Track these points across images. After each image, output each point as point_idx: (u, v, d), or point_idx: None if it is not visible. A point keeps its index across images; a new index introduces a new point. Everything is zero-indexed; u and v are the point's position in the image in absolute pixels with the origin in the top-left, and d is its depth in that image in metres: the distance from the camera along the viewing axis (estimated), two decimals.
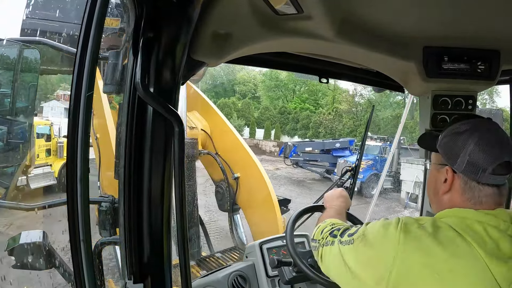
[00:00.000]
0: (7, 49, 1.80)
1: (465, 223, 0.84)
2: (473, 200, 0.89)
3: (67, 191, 0.77)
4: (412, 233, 0.83)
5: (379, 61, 1.35)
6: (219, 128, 3.45)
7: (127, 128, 0.83)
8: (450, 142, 0.93)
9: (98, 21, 0.75)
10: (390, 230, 0.86)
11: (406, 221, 0.87)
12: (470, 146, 0.87)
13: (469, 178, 0.89)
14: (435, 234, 0.82)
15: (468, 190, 0.89)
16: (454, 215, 0.88)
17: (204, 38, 0.96)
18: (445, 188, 0.94)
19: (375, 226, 0.92)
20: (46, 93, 8.34)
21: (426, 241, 0.81)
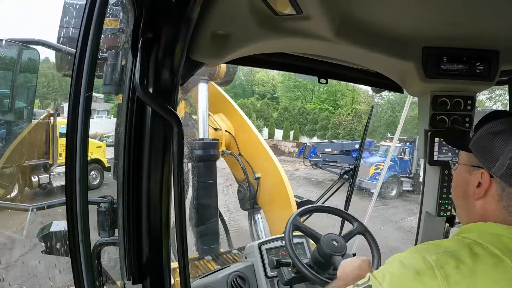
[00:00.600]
0: (6, 49, 1.80)
1: (502, 242, 0.74)
2: (510, 208, 0.79)
3: (66, 191, 0.77)
4: (453, 276, 0.69)
5: (378, 62, 1.35)
6: (243, 130, 3.53)
7: (126, 129, 0.83)
8: (487, 142, 0.82)
9: (98, 22, 0.75)
10: (427, 282, 0.70)
11: (440, 262, 0.72)
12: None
13: (508, 184, 0.79)
14: (477, 269, 0.70)
15: (506, 197, 0.79)
16: (488, 232, 0.78)
17: (203, 38, 0.96)
18: (479, 193, 0.83)
19: (398, 281, 0.72)
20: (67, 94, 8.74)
21: (471, 281, 0.69)
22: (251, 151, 3.45)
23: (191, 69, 1.03)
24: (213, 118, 3.57)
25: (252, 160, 3.41)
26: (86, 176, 0.78)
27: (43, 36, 2.35)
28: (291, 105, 32.73)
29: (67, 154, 0.77)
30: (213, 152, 3.15)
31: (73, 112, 0.76)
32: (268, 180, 3.32)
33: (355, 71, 1.63)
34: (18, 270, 4.66)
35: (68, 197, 0.77)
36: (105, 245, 0.97)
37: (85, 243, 0.79)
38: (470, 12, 1.05)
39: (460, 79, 1.32)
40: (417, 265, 0.72)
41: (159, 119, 0.82)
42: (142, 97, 0.78)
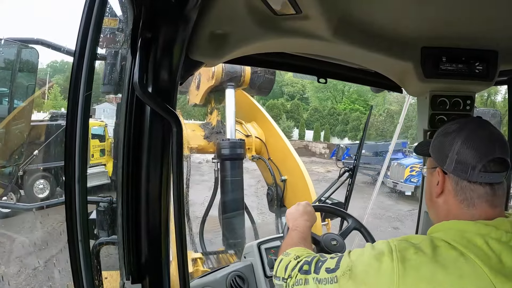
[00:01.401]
0: (5, 48, 1.80)
1: (465, 238, 0.77)
2: (466, 201, 0.83)
3: (65, 191, 0.77)
4: (410, 261, 0.74)
5: (377, 62, 1.35)
6: (273, 136, 3.77)
7: (125, 128, 0.83)
8: (439, 143, 0.90)
9: (97, 21, 0.76)
10: (384, 262, 0.76)
11: (400, 247, 0.78)
12: (458, 144, 0.83)
13: (460, 178, 0.84)
14: (435, 257, 0.74)
15: (460, 191, 0.84)
16: (451, 228, 0.82)
17: (202, 38, 0.96)
18: (438, 190, 0.89)
19: (363, 258, 0.81)
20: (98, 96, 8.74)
21: (428, 267, 0.73)
22: (280, 155, 3.66)
23: (190, 68, 1.03)
24: (245, 127, 3.85)
25: (280, 164, 3.61)
26: (85, 176, 0.78)
27: (43, 35, 2.35)
28: (321, 106, 32.40)
29: (65, 154, 0.77)
30: (239, 151, 3.32)
31: (72, 112, 0.76)
32: (294, 182, 3.48)
33: (355, 71, 1.63)
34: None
35: (67, 196, 0.77)
36: (104, 244, 0.97)
37: (84, 243, 0.79)
38: (469, 12, 1.06)
39: (459, 79, 1.32)
40: (381, 248, 0.80)
41: (158, 118, 0.82)
42: (141, 97, 0.78)
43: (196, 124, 4.08)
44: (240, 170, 3.40)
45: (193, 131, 3.81)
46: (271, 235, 1.89)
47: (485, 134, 0.84)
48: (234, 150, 3.32)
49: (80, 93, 0.75)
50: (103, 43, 0.85)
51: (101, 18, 0.77)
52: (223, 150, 3.34)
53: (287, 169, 3.55)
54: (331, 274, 0.83)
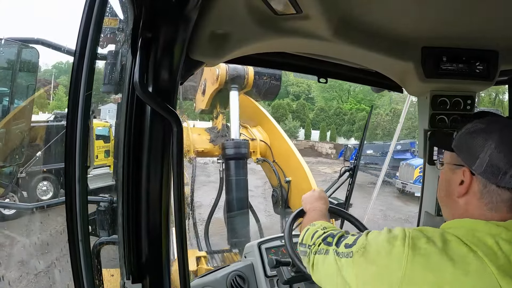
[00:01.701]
0: (5, 48, 1.80)
1: (476, 236, 0.77)
2: (490, 204, 0.82)
3: (65, 191, 0.77)
4: (421, 249, 0.76)
5: (378, 61, 1.35)
6: (277, 139, 3.89)
7: (126, 128, 0.83)
8: (468, 141, 0.85)
9: (97, 21, 0.76)
10: (396, 245, 0.78)
11: (413, 235, 0.79)
12: (491, 147, 0.80)
13: (489, 181, 0.81)
14: (445, 250, 0.75)
15: (487, 194, 0.82)
16: (463, 226, 0.82)
17: (203, 38, 0.96)
18: (461, 190, 0.86)
19: (378, 240, 0.83)
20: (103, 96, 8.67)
21: (437, 258, 0.74)
22: (284, 158, 3.75)
23: (190, 68, 1.03)
24: (251, 131, 4.02)
25: (285, 166, 3.70)
26: (86, 176, 0.78)
27: (43, 35, 2.35)
28: (327, 106, 32.18)
29: (66, 154, 0.77)
30: (243, 151, 3.42)
31: (73, 111, 0.76)
32: (298, 183, 3.55)
33: (355, 71, 1.63)
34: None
35: (68, 196, 0.77)
36: (105, 244, 0.97)
37: (84, 243, 0.79)
38: (470, 12, 1.06)
39: (459, 79, 1.32)
40: (396, 233, 0.82)
41: (159, 118, 0.82)
42: (141, 97, 0.78)
43: (202, 129, 4.15)
44: (245, 170, 3.47)
45: (199, 135, 3.90)
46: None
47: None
48: (239, 150, 3.42)
49: (80, 93, 0.75)
50: (103, 43, 0.85)
51: (101, 18, 0.77)
52: (228, 150, 3.42)
53: (292, 171, 3.62)
54: (348, 249, 0.87)
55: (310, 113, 31.44)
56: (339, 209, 1.65)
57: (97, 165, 9.59)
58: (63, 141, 0.76)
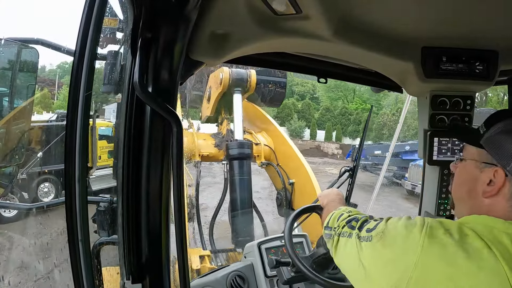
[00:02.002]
0: (5, 48, 1.80)
1: (492, 234, 0.76)
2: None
3: (65, 191, 0.77)
4: (437, 238, 0.75)
5: (378, 61, 1.35)
6: (281, 144, 4.01)
7: (126, 128, 0.83)
8: (502, 140, 0.82)
9: (97, 21, 0.76)
10: (413, 232, 0.78)
11: (432, 224, 0.79)
12: None
13: None
14: (462, 243, 0.74)
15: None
16: (481, 223, 0.80)
17: (203, 38, 0.96)
18: (490, 190, 0.83)
19: (397, 225, 0.83)
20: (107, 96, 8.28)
21: (452, 250, 0.73)
22: (287, 161, 3.84)
23: (190, 68, 1.03)
24: (255, 136, 4.15)
25: (288, 169, 3.79)
26: (86, 176, 0.78)
27: (43, 35, 2.35)
28: (332, 106, 31.96)
29: (66, 154, 0.77)
30: (247, 151, 3.50)
31: (73, 111, 0.76)
32: (302, 185, 3.63)
33: (355, 71, 1.63)
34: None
35: (67, 196, 0.77)
36: (105, 244, 0.97)
37: (84, 243, 0.79)
38: (469, 12, 1.06)
39: (459, 79, 1.32)
40: (415, 221, 0.82)
41: (159, 118, 0.82)
42: (141, 97, 0.78)
43: (207, 134, 4.24)
44: (248, 170, 3.53)
45: (204, 140, 4.02)
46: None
47: None
48: (242, 150, 3.47)
49: (80, 93, 0.75)
50: (103, 43, 0.85)
51: (101, 18, 0.77)
52: (231, 151, 3.48)
53: (295, 173, 3.70)
54: (369, 233, 0.88)
55: (316, 113, 31.28)
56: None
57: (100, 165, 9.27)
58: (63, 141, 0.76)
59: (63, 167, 0.77)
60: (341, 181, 2.98)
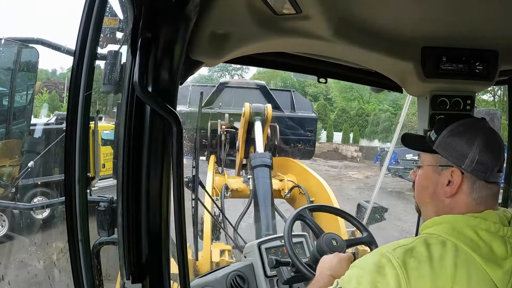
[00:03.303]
0: (5, 48, 1.80)
1: (456, 230, 0.82)
2: (480, 199, 0.87)
3: (65, 191, 0.77)
4: (410, 263, 0.78)
5: (378, 61, 1.35)
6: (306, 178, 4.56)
7: (126, 128, 0.83)
8: (454, 142, 0.89)
9: (97, 21, 0.76)
10: (389, 272, 0.78)
11: (397, 253, 0.80)
12: (479, 146, 0.85)
13: (478, 178, 0.86)
14: (430, 254, 0.79)
15: (477, 190, 0.87)
16: (442, 222, 0.86)
17: (203, 38, 0.96)
18: (451, 190, 0.88)
19: (364, 280, 0.80)
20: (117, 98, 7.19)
21: (426, 265, 0.77)
22: (309, 185, 4.34)
23: (190, 68, 1.03)
24: (282, 176, 4.75)
25: (311, 194, 4.20)
26: (85, 175, 0.78)
27: (43, 35, 2.35)
28: (348, 106, 31.19)
29: (65, 154, 0.77)
30: (268, 161, 3.98)
31: (73, 111, 0.76)
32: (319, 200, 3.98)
33: (355, 71, 1.63)
34: None
35: (67, 196, 0.77)
36: (105, 244, 0.97)
37: (84, 243, 0.79)
38: (469, 12, 1.06)
39: (459, 79, 1.32)
40: (378, 261, 0.81)
41: (159, 118, 0.82)
42: (141, 96, 0.78)
43: (239, 177, 5.09)
44: (269, 175, 3.95)
45: (234, 179, 4.85)
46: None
47: (497, 137, 0.89)
48: (263, 159, 3.99)
49: (80, 93, 0.75)
50: (103, 42, 0.85)
51: (101, 17, 0.77)
52: (254, 161, 3.98)
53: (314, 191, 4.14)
54: None
55: (331, 114, 30.60)
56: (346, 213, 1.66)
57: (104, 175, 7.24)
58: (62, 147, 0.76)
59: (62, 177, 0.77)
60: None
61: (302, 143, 4.91)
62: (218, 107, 7.14)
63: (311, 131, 7.35)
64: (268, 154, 4.18)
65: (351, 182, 14.34)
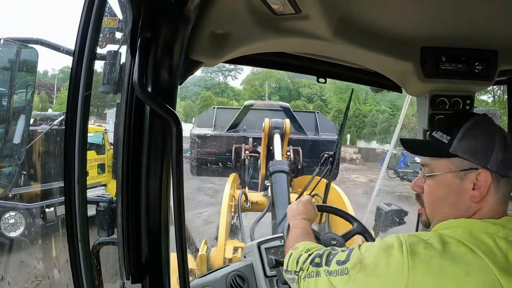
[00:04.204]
0: (4, 48, 1.79)
1: (473, 236, 0.78)
2: (504, 197, 0.83)
3: (64, 191, 0.77)
4: (420, 255, 0.75)
5: (377, 61, 1.35)
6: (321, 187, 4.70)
7: (125, 128, 0.83)
8: (476, 142, 0.83)
9: (96, 21, 0.76)
10: (394, 255, 0.76)
11: (410, 241, 0.78)
12: (500, 142, 0.82)
13: (502, 175, 0.82)
14: (445, 252, 0.75)
15: (502, 188, 0.83)
16: (459, 226, 0.81)
17: (202, 38, 0.96)
18: (479, 194, 0.83)
19: (373, 251, 0.81)
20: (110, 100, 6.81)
21: (437, 262, 0.74)
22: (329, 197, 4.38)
23: (190, 68, 1.03)
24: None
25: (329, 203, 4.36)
26: (85, 175, 0.78)
27: (42, 35, 2.34)
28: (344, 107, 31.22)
29: (65, 154, 0.77)
30: (285, 167, 4.20)
31: (72, 112, 0.76)
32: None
33: (354, 71, 1.63)
34: None
35: (67, 196, 0.77)
36: (104, 244, 0.97)
37: (84, 243, 0.79)
38: (469, 12, 1.06)
39: (458, 79, 1.32)
40: (391, 241, 0.79)
41: (158, 118, 0.82)
42: (140, 97, 0.78)
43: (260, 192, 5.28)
44: (286, 180, 4.13)
45: (254, 193, 5.05)
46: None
47: (504, 132, 0.86)
48: (281, 166, 4.21)
49: (79, 93, 0.75)
50: (102, 42, 0.85)
51: (100, 17, 0.77)
52: (272, 167, 4.18)
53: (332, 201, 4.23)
54: (342, 266, 0.83)
55: (327, 115, 30.78)
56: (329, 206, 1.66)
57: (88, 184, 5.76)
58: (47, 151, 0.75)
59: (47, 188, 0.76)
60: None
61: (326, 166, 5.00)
62: (243, 131, 7.34)
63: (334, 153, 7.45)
64: (285, 161, 4.45)
65: (355, 186, 13.85)
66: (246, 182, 5.90)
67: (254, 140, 6.51)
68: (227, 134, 7.42)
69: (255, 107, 8.10)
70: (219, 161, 7.10)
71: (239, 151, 6.40)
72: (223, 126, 7.72)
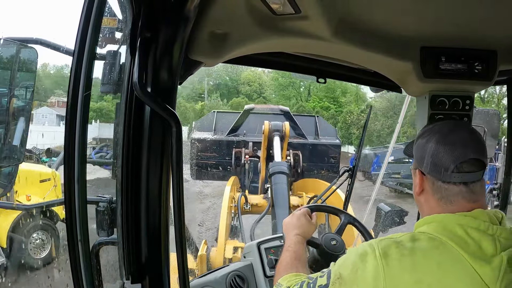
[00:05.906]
0: (4, 48, 1.79)
1: (446, 229, 0.84)
2: (444, 199, 0.90)
3: (64, 191, 0.77)
4: (392, 255, 0.82)
5: (377, 61, 1.35)
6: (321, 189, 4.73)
7: (125, 128, 0.83)
8: (417, 146, 0.96)
9: (96, 20, 0.76)
10: (369, 261, 0.83)
11: (382, 245, 0.85)
12: (432, 148, 0.89)
13: (435, 178, 0.90)
14: (415, 249, 0.82)
15: (437, 190, 0.90)
16: (433, 221, 0.88)
17: (202, 38, 0.96)
18: (418, 189, 0.95)
19: (349, 261, 0.88)
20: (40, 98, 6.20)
21: (409, 258, 0.80)
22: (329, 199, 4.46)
23: (189, 68, 1.03)
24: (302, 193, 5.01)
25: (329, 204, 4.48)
26: (85, 175, 0.78)
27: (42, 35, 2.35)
28: (286, 105, 31.27)
29: (65, 154, 0.77)
30: (285, 169, 4.23)
31: (72, 111, 0.76)
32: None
33: (354, 71, 1.63)
34: None
35: (67, 196, 0.77)
36: (104, 244, 0.97)
37: (84, 243, 0.79)
38: (469, 12, 1.06)
39: (458, 79, 1.32)
40: (364, 249, 0.86)
41: (158, 118, 0.82)
42: (140, 97, 0.78)
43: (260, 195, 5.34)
44: (286, 181, 4.17)
45: (254, 196, 5.08)
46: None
47: (458, 137, 0.90)
48: (280, 167, 4.25)
49: (79, 93, 0.75)
50: (102, 42, 0.85)
51: (100, 17, 0.76)
52: (272, 168, 4.20)
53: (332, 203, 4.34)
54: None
55: None
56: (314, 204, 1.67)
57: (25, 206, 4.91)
58: None
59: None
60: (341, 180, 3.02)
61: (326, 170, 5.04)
62: (243, 135, 7.38)
63: (334, 158, 7.57)
64: (285, 162, 4.46)
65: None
66: (246, 186, 5.94)
67: (254, 144, 6.57)
68: (227, 138, 7.46)
69: (255, 111, 8.16)
70: (219, 165, 7.17)
71: (239, 155, 6.44)
72: (223, 130, 7.77)
